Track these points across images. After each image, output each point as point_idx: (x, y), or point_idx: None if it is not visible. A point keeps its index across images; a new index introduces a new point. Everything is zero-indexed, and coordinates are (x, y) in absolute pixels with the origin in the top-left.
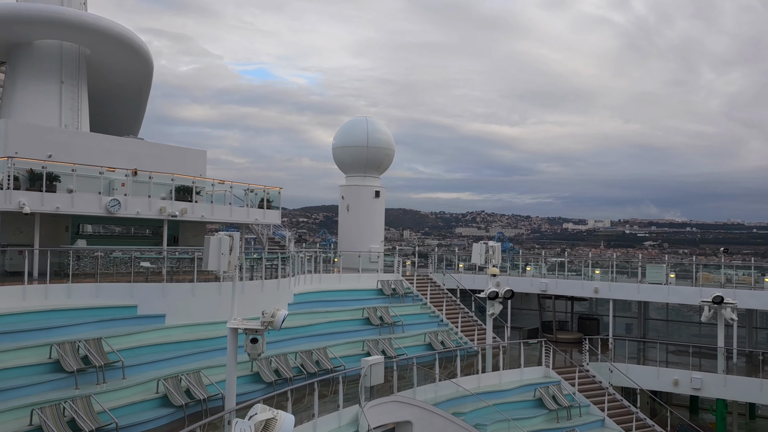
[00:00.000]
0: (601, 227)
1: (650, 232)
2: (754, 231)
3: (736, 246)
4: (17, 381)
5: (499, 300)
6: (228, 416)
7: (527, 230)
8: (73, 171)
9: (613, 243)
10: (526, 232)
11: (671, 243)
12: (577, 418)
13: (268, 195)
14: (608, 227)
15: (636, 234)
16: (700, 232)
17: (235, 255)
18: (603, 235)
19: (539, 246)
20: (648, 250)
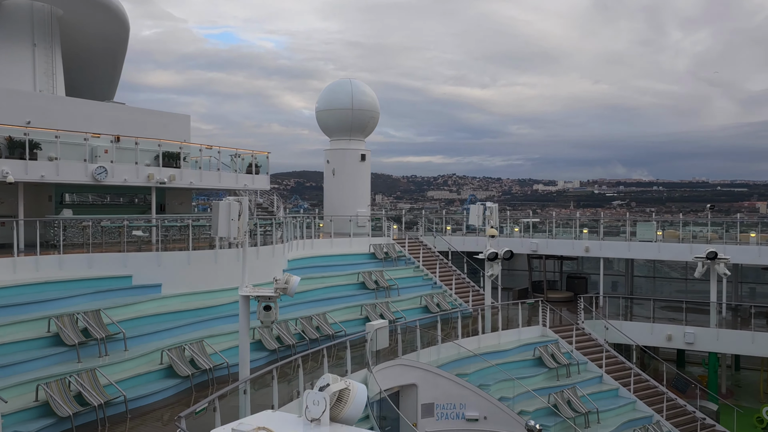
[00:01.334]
0: (571, 188)
1: (618, 192)
2: (718, 189)
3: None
4: (18, 356)
5: (498, 261)
6: (243, 386)
7: (498, 192)
8: (57, 138)
9: (583, 203)
10: (497, 194)
11: (638, 202)
12: (575, 376)
13: (256, 160)
14: (577, 188)
15: (605, 194)
16: (666, 190)
17: (244, 220)
18: (572, 196)
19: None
20: (616, 209)
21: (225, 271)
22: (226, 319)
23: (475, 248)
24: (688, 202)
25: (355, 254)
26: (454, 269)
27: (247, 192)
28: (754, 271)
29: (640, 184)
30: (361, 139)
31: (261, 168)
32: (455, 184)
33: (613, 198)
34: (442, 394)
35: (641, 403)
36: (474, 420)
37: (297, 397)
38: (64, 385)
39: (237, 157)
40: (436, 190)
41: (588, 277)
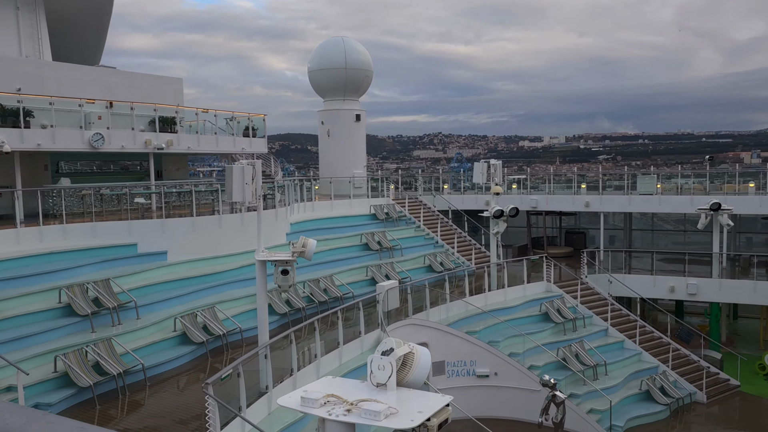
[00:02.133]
0: (557, 143)
1: (604, 146)
2: (703, 140)
3: (685, 156)
4: (31, 328)
5: (504, 218)
6: (264, 351)
7: (484, 150)
8: (51, 105)
9: (569, 158)
10: (483, 151)
11: (624, 156)
12: (581, 329)
13: (253, 123)
14: (563, 143)
15: (591, 148)
16: (651, 143)
17: (258, 184)
18: (558, 151)
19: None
20: (602, 163)
21: (229, 236)
22: (234, 285)
23: (475, 206)
24: (673, 154)
25: (356, 215)
26: (455, 228)
27: (244, 156)
28: (750, 221)
29: (625, 138)
30: (355, 99)
31: (258, 131)
32: (441, 142)
33: (599, 152)
34: (453, 351)
35: (647, 354)
36: (485, 376)
37: (315, 359)
38: (82, 356)
39: (232, 120)
40: (422, 150)
41: (586, 232)
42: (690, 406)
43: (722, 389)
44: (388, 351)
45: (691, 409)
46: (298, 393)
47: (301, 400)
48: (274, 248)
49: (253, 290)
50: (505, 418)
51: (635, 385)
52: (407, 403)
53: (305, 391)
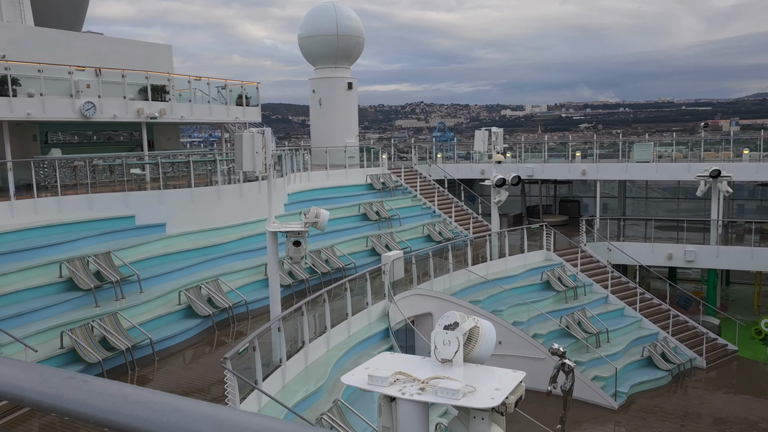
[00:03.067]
0: (538, 112)
1: (585, 115)
2: (683, 108)
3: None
4: (33, 303)
5: (506, 187)
6: (277, 323)
7: (466, 119)
8: (40, 72)
9: (550, 127)
10: (465, 120)
11: (605, 124)
12: (582, 297)
13: (246, 91)
14: (545, 112)
15: (572, 117)
16: (632, 111)
17: (268, 152)
18: (540, 120)
19: None
20: (583, 132)
21: (228, 207)
22: (235, 257)
23: (470, 175)
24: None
25: (353, 185)
26: (451, 198)
27: (237, 125)
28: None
29: (606, 107)
30: (347, 67)
31: (251, 100)
32: (423, 112)
33: (580, 121)
34: None
35: (647, 321)
36: None
37: (325, 331)
38: (88, 331)
39: (224, 88)
40: (404, 119)
41: (580, 200)
42: (690, 371)
43: (720, 354)
44: (451, 325)
45: (692, 374)
46: (361, 370)
47: (368, 379)
48: (289, 218)
49: (255, 262)
50: None
51: (637, 352)
52: (478, 381)
53: (366, 368)
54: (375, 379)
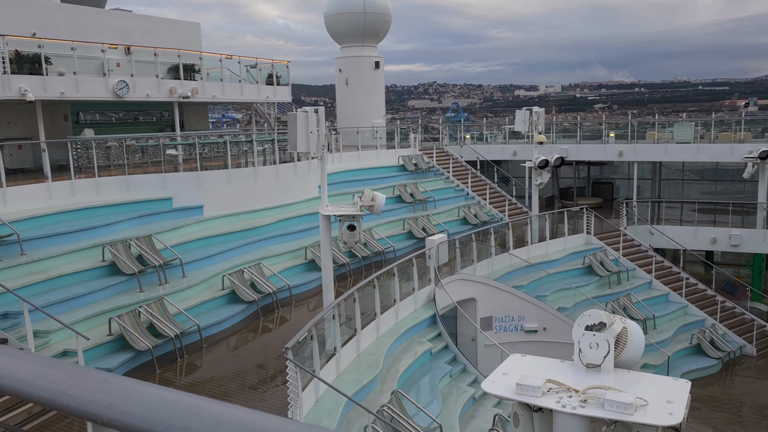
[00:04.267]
0: (552, 92)
1: (600, 95)
2: (700, 88)
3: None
4: (77, 288)
5: (548, 169)
6: (332, 311)
7: (480, 99)
8: (73, 50)
9: (564, 107)
10: (478, 101)
11: (620, 104)
12: (625, 283)
13: (276, 70)
14: (559, 92)
15: (587, 97)
16: (648, 92)
17: (322, 132)
18: (554, 100)
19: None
20: (597, 112)
21: (265, 189)
22: (273, 240)
23: (501, 156)
24: (669, 102)
25: (385, 167)
26: (485, 179)
27: (267, 105)
28: None
29: (621, 86)
30: (374, 46)
31: (281, 79)
32: (436, 92)
33: (594, 101)
34: (500, 306)
35: (693, 307)
36: (533, 331)
37: (374, 318)
38: (135, 317)
39: (254, 67)
40: (416, 99)
41: (613, 182)
42: (740, 359)
43: None
44: (596, 325)
45: (742, 362)
46: (500, 376)
47: (517, 388)
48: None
49: (294, 245)
50: None
51: (684, 339)
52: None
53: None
54: (525, 388)
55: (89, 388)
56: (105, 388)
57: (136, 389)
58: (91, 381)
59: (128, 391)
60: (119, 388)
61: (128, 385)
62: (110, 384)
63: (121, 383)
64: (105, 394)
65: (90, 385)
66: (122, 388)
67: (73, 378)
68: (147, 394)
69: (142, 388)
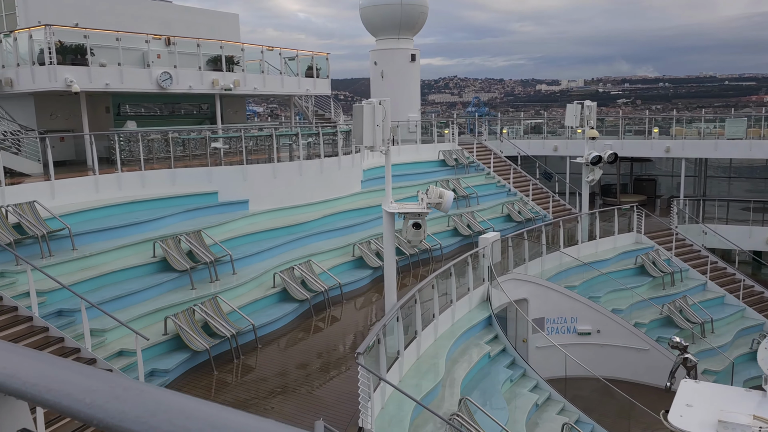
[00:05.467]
0: (575, 87)
1: (623, 90)
2: (726, 83)
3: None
4: (131, 285)
5: (600, 165)
6: (395, 314)
7: (501, 94)
8: (118, 40)
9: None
10: (499, 95)
11: (644, 99)
12: (679, 284)
13: (315, 62)
14: (581, 87)
15: (609, 92)
16: (672, 87)
17: (388, 126)
18: (576, 95)
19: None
20: (621, 107)
21: (309, 184)
22: (320, 236)
23: (542, 152)
24: (695, 98)
25: (425, 162)
26: (527, 175)
27: (307, 98)
28: None
29: (645, 81)
30: (410, 38)
31: (321, 71)
32: (456, 86)
33: (618, 96)
34: (552, 307)
35: (751, 310)
36: (586, 334)
37: (432, 319)
38: (190, 315)
39: (293, 60)
40: (437, 94)
41: (656, 180)
42: None
43: None
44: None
45: None
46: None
47: (719, 426)
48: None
49: (341, 242)
50: (611, 378)
51: (744, 344)
52: None
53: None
54: (731, 426)
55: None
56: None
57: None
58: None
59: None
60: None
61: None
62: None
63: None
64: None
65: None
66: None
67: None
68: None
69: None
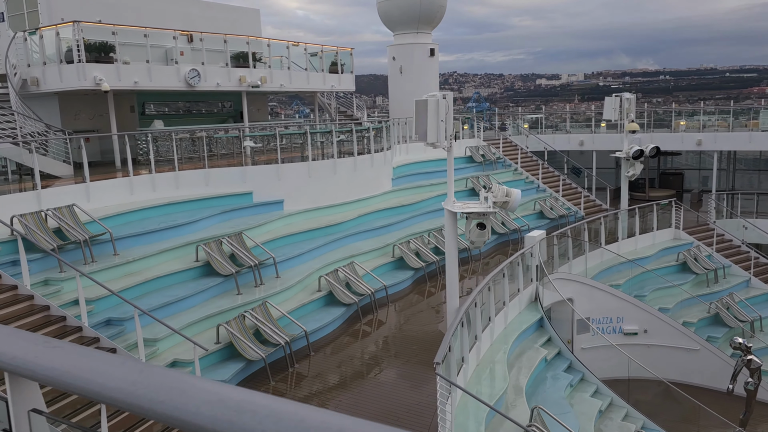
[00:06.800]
0: (575, 81)
1: (624, 83)
2: (727, 75)
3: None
4: (177, 290)
5: (641, 159)
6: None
7: (500, 89)
8: (146, 37)
9: (587, 96)
10: (499, 90)
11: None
12: (722, 281)
13: (339, 58)
14: (582, 81)
15: (610, 86)
16: (673, 79)
17: (450, 121)
18: (577, 89)
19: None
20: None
21: (343, 182)
22: (357, 237)
23: (567, 147)
24: (696, 90)
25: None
26: (555, 171)
27: (330, 95)
28: None
29: (646, 74)
30: (428, 32)
31: (345, 67)
32: (456, 82)
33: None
34: (597, 307)
35: None
36: (633, 334)
37: (489, 322)
38: (241, 322)
39: (315, 55)
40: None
41: (683, 173)
42: None
43: None
44: None
45: None
46: None
47: None
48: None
49: (379, 242)
50: (653, 380)
51: None
52: None
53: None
54: None
55: None
56: None
57: None
58: None
59: None
60: None
61: None
62: None
63: None
64: None
65: None
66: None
67: None
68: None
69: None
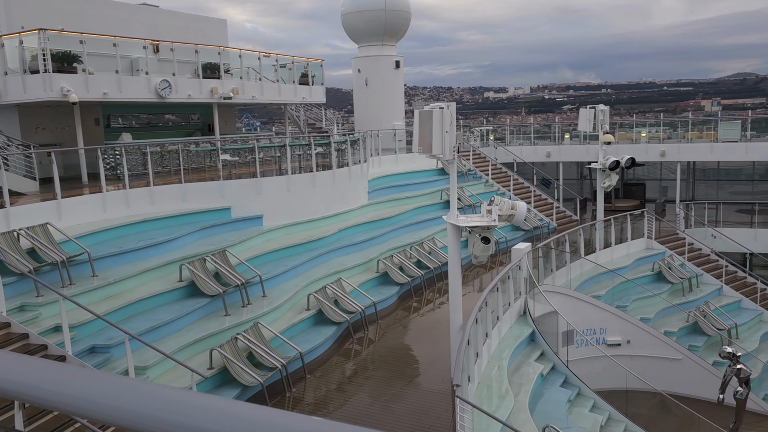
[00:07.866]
0: (521, 94)
1: (568, 96)
2: (665, 89)
3: (648, 104)
4: (161, 313)
5: (617, 171)
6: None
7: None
8: (115, 46)
9: (534, 109)
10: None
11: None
12: (696, 289)
13: (310, 69)
14: (528, 94)
15: (555, 99)
16: (614, 92)
17: (453, 133)
18: (523, 102)
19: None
20: (566, 113)
21: (322, 196)
22: (339, 252)
23: (534, 158)
24: (636, 103)
25: (424, 170)
26: (525, 183)
27: (299, 107)
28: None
29: (588, 87)
30: (393, 45)
31: (315, 78)
32: (406, 95)
33: (563, 102)
34: (581, 319)
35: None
36: (616, 345)
37: (486, 338)
38: (234, 345)
39: (284, 67)
40: None
41: (645, 184)
42: None
43: None
44: None
45: None
46: None
47: None
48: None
49: (362, 257)
50: (646, 391)
51: (766, 348)
52: None
53: None
54: None
55: None
56: None
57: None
58: None
59: None
60: None
61: None
62: None
63: None
64: None
65: None
66: None
67: None
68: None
69: None
